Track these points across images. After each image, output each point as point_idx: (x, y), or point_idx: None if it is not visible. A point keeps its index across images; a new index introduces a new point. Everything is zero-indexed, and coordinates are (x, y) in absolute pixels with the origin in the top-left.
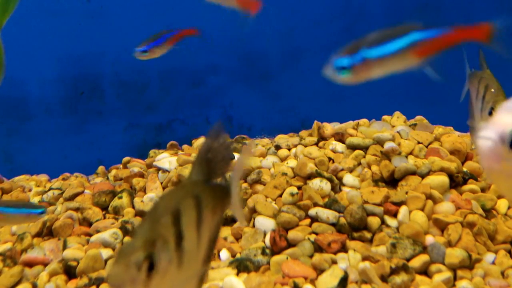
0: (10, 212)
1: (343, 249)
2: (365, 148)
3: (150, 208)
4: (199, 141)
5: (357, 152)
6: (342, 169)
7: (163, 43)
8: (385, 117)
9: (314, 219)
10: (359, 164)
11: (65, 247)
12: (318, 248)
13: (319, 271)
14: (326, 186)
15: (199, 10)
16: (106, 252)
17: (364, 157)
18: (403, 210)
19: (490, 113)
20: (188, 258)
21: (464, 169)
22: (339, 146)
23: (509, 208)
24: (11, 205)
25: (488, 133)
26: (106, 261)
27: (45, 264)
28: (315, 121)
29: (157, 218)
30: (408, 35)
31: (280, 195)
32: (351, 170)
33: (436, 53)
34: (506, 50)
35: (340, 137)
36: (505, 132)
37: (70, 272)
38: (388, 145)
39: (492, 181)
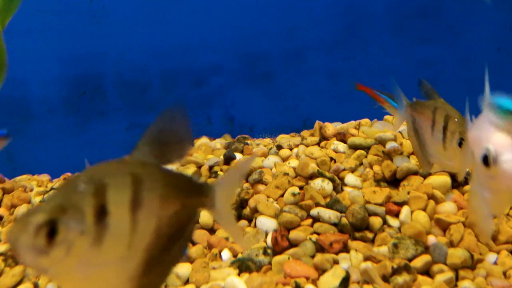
0: None
1: (345, 249)
2: (367, 148)
3: (70, 178)
4: (201, 141)
5: (359, 152)
6: (344, 169)
7: None
8: (387, 117)
9: (316, 219)
10: (361, 164)
11: None
12: (320, 248)
13: (321, 271)
14: (328, 186)
15: (201, 10)
16: None
17: (366, 157)
18: (405, 210)
19: (460, 144)
20: (113, 239)
21: (466, 169)
22: (341, 146)
23: (511, 208)
24: None
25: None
26: None
27: None
28: (317, 121)
29: (74, 184)
30: None
31: (282, 195)
32: (353, 170)
33: None
34: None
35: (342, 137)
36: None
37: None
38: (390, 145)
39: (498, 201)
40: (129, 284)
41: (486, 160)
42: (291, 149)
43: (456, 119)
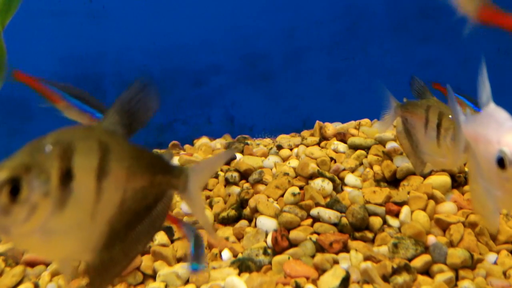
0: (77, 107)
1: (345, 249)
2: (367, 148)
3: (37, 138)
4: (201, 141)
5: (359, 152)
6: (344, 169)
7: None
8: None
9: (316, 219)
10: (361, 164)
11: None
12: (320, 248)
13: (321, 271)
14: (328, 186)
15: (201, 10)
16: None
17: (366, 157)
18: (405, 210)
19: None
20: (76, 204)
21: (466, 169)
22: (341, 146)
23: None
24: (82, 99)
25: None
26: None
27: (47, 264)
28: (317, 121)
29: (40, 145)
30: None
31: (282, 195)
32: (353, 170)
33: None
34: None
35: (342, 137)
36: None
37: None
38: (390, 145)
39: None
40: (89, 255)
41: (501, 162)
42: (291, 149)
43: (450, 116)
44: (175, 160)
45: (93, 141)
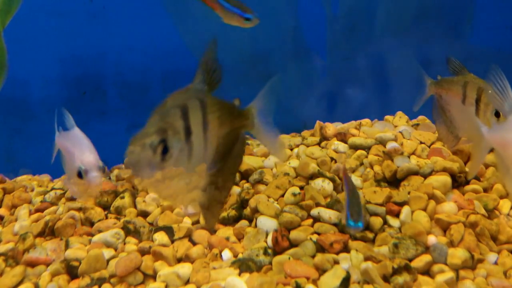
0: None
1: (345, 249)
2: (367, 148)
3: (158, 106)
4: None
5: (359, 152)
6: None
7: None
8: (387, 117)
9: (316, 219)
10: (361, 164)
11: (67, 247)
12: (320, 248)
13: (321, 271)
14: (328, 186)
15: (202, 11)
16: (108, 252)
17: (367, 157)
18: (405, 210)
19: (497, 114)
20: (196, 154)
21: (467, 169)
22: (342, 146)
23: (511, 208)
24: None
25: None
26: (108, 261)
27: (47, 264)
28: (318, 121)
29: (166, 111)
30: None
31: (282, 195)
32: (353, 170)
33: None
34: None
35: (342, 137)
36: None
37: (72, 272)
38: (390, 145)
39: None
40: (200, 195)
41: None
42: (291, 149)
43: (490, 91)
44: None
45: (196, 100)
